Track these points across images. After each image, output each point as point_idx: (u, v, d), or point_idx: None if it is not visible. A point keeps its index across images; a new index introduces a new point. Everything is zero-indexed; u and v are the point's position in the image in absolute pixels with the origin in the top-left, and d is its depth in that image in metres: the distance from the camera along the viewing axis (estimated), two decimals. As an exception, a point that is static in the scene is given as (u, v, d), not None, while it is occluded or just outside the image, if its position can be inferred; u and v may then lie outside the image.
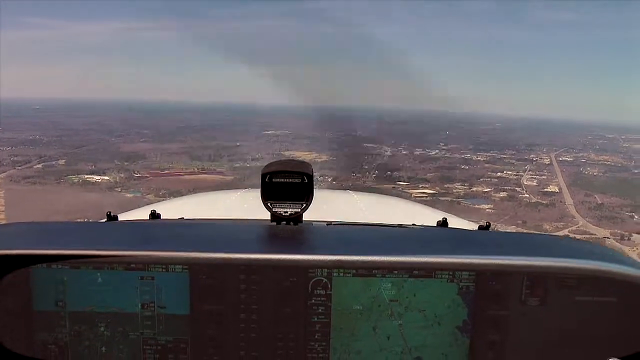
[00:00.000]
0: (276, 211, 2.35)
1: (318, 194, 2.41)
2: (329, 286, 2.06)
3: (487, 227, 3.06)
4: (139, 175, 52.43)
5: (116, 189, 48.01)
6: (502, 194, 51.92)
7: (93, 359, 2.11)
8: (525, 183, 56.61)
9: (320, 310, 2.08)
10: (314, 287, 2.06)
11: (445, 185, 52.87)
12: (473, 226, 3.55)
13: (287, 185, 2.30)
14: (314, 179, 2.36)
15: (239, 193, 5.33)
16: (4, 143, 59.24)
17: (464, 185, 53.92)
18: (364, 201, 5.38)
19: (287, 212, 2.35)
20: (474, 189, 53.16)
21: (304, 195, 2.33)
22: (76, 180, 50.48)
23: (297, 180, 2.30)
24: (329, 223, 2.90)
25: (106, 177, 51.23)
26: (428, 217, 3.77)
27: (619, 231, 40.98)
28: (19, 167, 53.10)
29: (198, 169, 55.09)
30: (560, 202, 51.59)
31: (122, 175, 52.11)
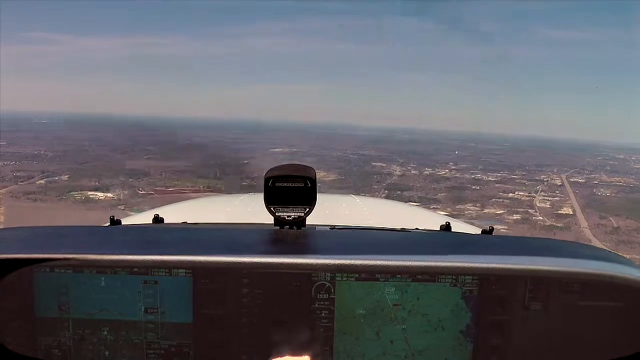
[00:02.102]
0: (279, 215, 2.32)
1: (321, 198, 2.39)
2: (332, 290, 2.06)
3: (491, 231, 3.03)
4: (143, 192, 51.43)
5: (119, 207, 46.59)
6: (516, 216, 50.52)
7: None
8: (538, 205, 55.47)
9: (323, 315, 2.08)
10: (317, 291, 2.06)
11: (457, 206, 51.62)
12: (476, 230, 3.58)
13: (290, 189, 2.27)
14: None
15: (242, 197, 5.45)
16: (7, 158, 58.66)
17: (476, 206, 52.60)
18: (367, 205, 5.46)
19: (290, 216, 2.32)
20: (486, 210, 51.73)
21: (307, 199, 2.29)
22: (79, 197, 49.34)
23: (300, 185, 2.27)
24: (332, 227, 2.90)
25: (109, 194, 50.14)
26: (431, 221, 3.83)
27: (638, 257, 39.79)
28: (22, 183, 52.18)
29: (204, 187, 53.86)
30: (575, 224, 50.29)
31: (126, 192, 51.00)
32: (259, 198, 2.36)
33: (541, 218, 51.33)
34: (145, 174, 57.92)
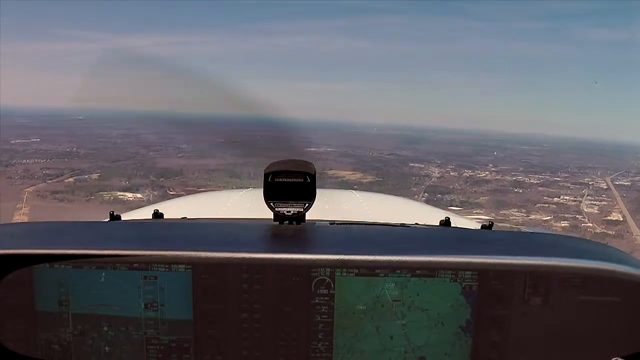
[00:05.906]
0: (279, 211, 2.30)
1: (321, 194, 2.36)
2: (332, 286, 2.05)
3: (490, 226, 3.05)
4: (173, 193, 49.99)
5: (148, 209, 45.17)
6: (564, 223, 47.84)
7: (96, 358, 2.12)
8: (586, 210, 52.89)
9: (323, 310, 2.08)
10: (317, 287, 2.06)
11: (501, 212, 49.37)
12: (476, 225, 3.56)
13: (290, 184, 2.26)
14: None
15: (242, 193, 5.39)
16: (39, 155, 58.05)
17: (521, 212, 50.22)
18: (366, 200, 5.43)
19: (290, 211, 2.30)
20: (532, 216, 49.30)
21: (307, 194, 2.28)
22: (107, 197, 48.09)
23: (299, 180, 2.25)
24: (332, 222, 2.90)
25: (139, 195, 48.76)
26: (431, 216, 3.85)
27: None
28: (50, 181, 51.43)
29: (236, 187, 52.46)
30: (627, 232, 47.25)
31: (155, 193, 49.60)
32: (259, 193, 2.31)
33: (590, 225, 48.51)
34: (177, 173, 56.80)
